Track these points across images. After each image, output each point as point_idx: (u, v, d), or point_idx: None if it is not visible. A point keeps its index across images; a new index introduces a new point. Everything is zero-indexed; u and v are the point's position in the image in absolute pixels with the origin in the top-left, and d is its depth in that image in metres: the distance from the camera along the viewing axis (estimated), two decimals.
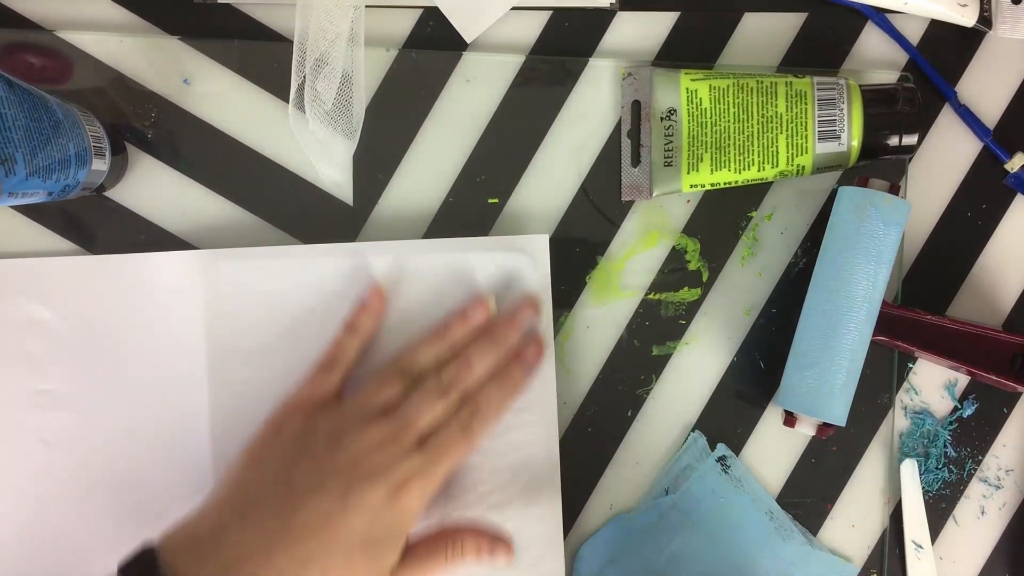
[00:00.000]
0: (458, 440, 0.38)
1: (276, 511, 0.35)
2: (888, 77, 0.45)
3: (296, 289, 0.42)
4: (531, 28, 0.45)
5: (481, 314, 0.41)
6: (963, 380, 0.45)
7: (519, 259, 0.43)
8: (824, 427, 0.41)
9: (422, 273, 0.43)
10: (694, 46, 0.45)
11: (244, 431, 0.42)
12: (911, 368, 0.45)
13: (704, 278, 0.45)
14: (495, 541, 0.39)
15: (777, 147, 0.42)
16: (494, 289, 0.43)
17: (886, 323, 0.42)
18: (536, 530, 0.42)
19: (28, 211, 0.43)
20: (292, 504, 0.35)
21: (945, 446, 0.45)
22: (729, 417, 0.45)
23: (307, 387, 0.40)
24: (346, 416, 0.38)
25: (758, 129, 0.42)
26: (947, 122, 0.45)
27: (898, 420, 0.45)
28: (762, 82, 0.42)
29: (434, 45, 0.44)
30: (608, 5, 0.44)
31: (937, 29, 0.45)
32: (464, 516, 0.42)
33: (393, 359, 0.40)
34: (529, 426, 0.43)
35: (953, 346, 0.42)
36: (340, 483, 0.36)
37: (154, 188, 0.44)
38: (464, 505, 0.42)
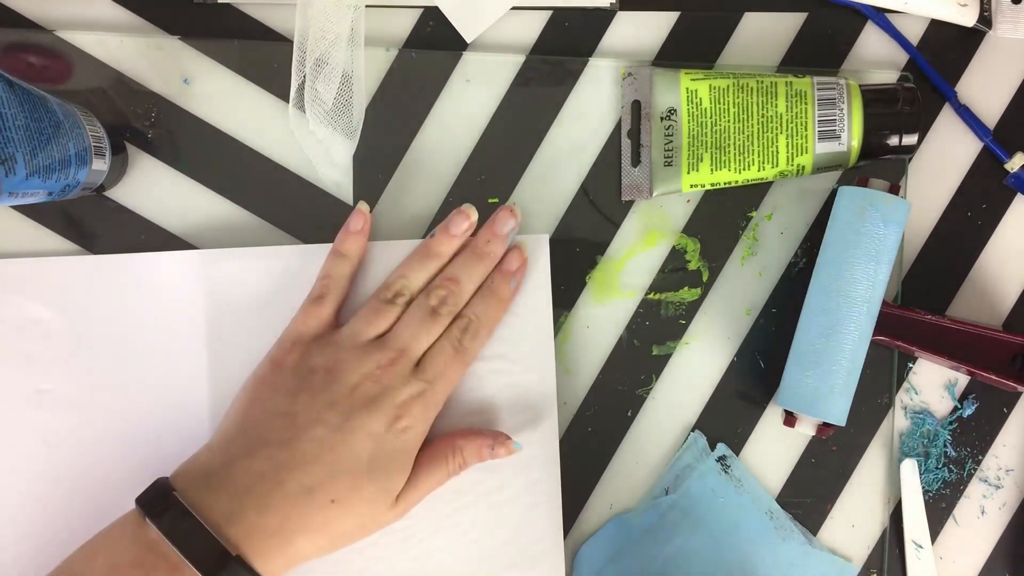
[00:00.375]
0: (452, 360, 0.39)
1: (281, 443, 0.36)
2: (888, 77, 0.45)
3: (296, 289, 0.42)
4: (531, 28, 0.45)
5: (464, 224, 0.41)
6: (963, 380, 0.45)
7: None
8: (824, 427, 0.41)
9: None
10: (694, 46, 0.45)
11: None
12: (911, 368, 0.45)
13: (704, 278, 0.45)
14: (495, 439, 0.40)
15: (777, 147, 0.42)
16: None
17: (886, 323, 0.42)
18: (536, 530, 0.42)
19: (28, 211, 0.43)
20: (295, 435, 0.36)
21: (945, 446, 0.45)
22: (729, 417, 0.45)
23: (301, 319, 0.40)
24: (341, 346, 0.39)
25: (758, 129, 0.42)
26: (947, 122, 0.45)
27: (898, 420, 0.45)
28: (762, 82, 0.42)
29: (434, 45, 0.44)
30: (608, 5, 0.44)
31: (937, 29, 0.45)
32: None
33: (384, 284, 0.41)
34: (529, 426, 0.43)
35: (953, 346, 0.42)
36: (340, 413, 0.37)
37: (154, 188, 0.44)
38: (464, 504, 0.42)
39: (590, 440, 0.44)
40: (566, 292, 0.44)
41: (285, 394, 0.38)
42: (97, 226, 0.43)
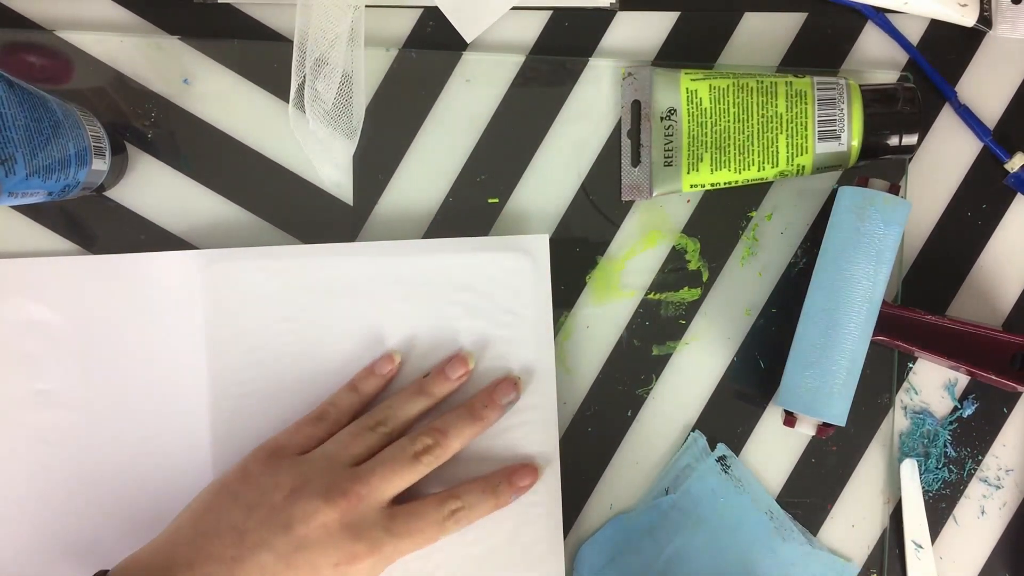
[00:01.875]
0: (429, 529, 0.38)
1: (225, 562, 0.34)
2: (888, 77, 0.45)
3: (296, 289, 0.42)
4: (531, 28, 0.45)
5: (461, 369, 0.41)
6: (963, 380, 0.45)
7: (519, 259, 0.43)
8: (824, 427, 0.41)
9: (421, 273, 0.43)
10: (694, 46, 0.45)
11: (244, 431, 0.42)
12: (911, 368, 0.45)
13: (704, 278, 0.45)
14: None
15: (777, 147, 0.42)
16: (493, 290, 0.43)
17: (886, 323, 0.42)
18: (536, 530, 0.42)
19: (28, 211, 0.43)
20: (241, 556, 0.34)
21: (945, 446, 0.45)
22: (729, 417, 0.45)
23: (290, 433, 0.39)
24: (312, 467, 0.37)
25: (758, 129, 0.42)
26: (947, 122, 0.45)
27: (898, 420, 0.45)
28: (762, 82, 0.42)
29: (434, 45, 0.44)
30: (608, 5, 0.44)
31: (937, 29, 0.45)
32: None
33: (371, 411, 0.40)
34: (529, 426, 0.43)
35: (953, 346, 0.42)
36: (291, 541, 0.35)
37: (154, 188, 0.44)
38: None
39: (590, 440, 0.44)
40: (566, 292, 0.44)
41: (243, 507, 0.36)
42: (97, 226, 0.43)
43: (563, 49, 0.45)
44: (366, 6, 0.42)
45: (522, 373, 0.43)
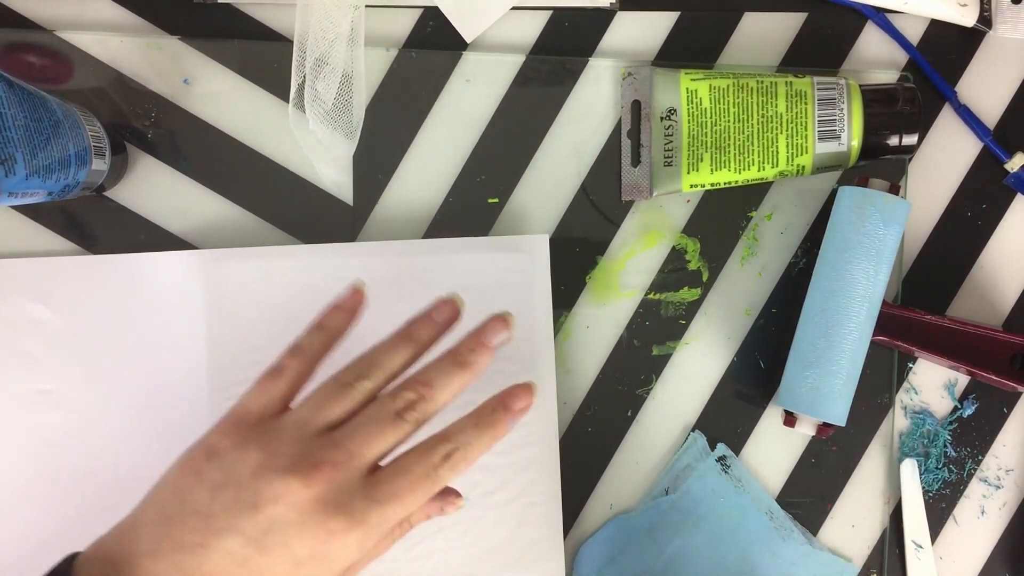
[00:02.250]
0: (418, 485, 0.33)
1: (190, 548, 0.31)
2: (888, 77, 0.45)
3: (296, 289, 0.42)
4: (531, 28, 0.45)
5: (447, 312, 0.36)
6: (963, 380, 0.45)
7: (519, 259, 0.43)
8: (824, 427, 0.41)
9: (421, 273, 0.43)
10: (694, 46, 0.45)
11: None
12: (911, 368, 0.45)
13: (704, 278, 0.45)
14: (444, 500, 0.38)
15: (777, 147, 0.42)
16: (493, 290, 0.43)
17: (886, 323, 0.42)
18: (536, 530, 0.42)
19: (28, 211, 0.43)
20: (207, 542, 0.31)
21: (945, 446, 0.45)
22: (729, 417, 0.45)
23: (250, 397, 0.34)
24: (282, 435, 0.33)
25: (758, 129, 0.42)
26: (947, 122, 0.45)
27: (898, 420, 0.45)
28: (762, 82, 0.42)
29: (434, 45, 0.44)
30: (608, 5, 0.44)
31: (937, 29, 0.45)
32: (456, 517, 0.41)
33: (348, 365, 0.35)
34: (529, 426, 0.43)
35: (953, 346, 0.42)
36: (259, 523, 0.31)
37: (154, 188, 0.44)
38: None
39: (590, 440, 0.44)
40: (566, 292, 0.44)
41: (208, 488, 0.32)
42: (97, 226, 0.43)
43: (563, 49, 0.45)
44: (366, 6, 0.42)
45: (522, 372, 0.43)
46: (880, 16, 0.45)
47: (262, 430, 0.33)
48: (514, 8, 0.44)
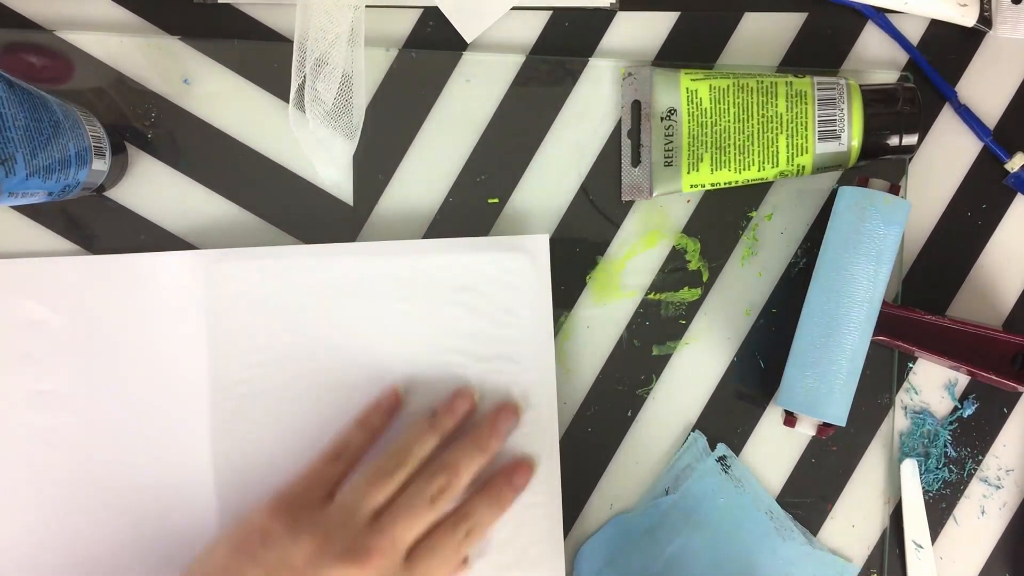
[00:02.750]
0: (449, 562, 0.38)
1: None
2: (888, 77, 0.45)
3: (296, 289, 0.42)
4: (531, 28, 0.45)
5: (466, 406, 0.41)
6: (963, 380, 0.45)
7: (519, 259, 0.43)
8: (824, 427, 0.41)
9: (421, 273, 0.43)
10: (694, 46, 0.45)
11: (244, 431, 0.42)
12: (911, 368, 0.45)
13: (704, 278, 0.45)
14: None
15: (777, 147, 0.42)
16: (493, 290, 0.43)
17: (886, 323, 0.42)
18: (536, 530, 0.42)
19: (28, 211, 0.43)
20: None
21: (945, 446, 0.45)
22: (729, 417, 0.45)
23: (308, 479, 0.38)
24: (332, 523, 0.36)
25: (758, 129, 0.42)
26: (947, 122, 0.45)
27: (898, 420, 0.45)
28: (762, 82, 0.42)
29: (434, 45, 0.44)
30: (608, 5, 0.44)
31: (937, 29, 0.45)
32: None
33: (388, 454, 0.39)
34: (529, 426, 0.43)
35: (953, 346, 0.42)
36: None
37: (154, 188, 0.44)
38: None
39: (590, 440, 0.44)
40: (566, 292, 0.44)
41: (263, 572, 0.35)
42: (97, 226, 0.43)
43: (563, 49, 0.45)
44: (366, 6, 0.42)
45: (522, 372, 0.43)
46: (880, 16, 0.45)
47: (313, 516, 0.36)
48: (514, 8, 0.44)
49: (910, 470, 0.44)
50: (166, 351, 0.42)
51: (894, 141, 0.41)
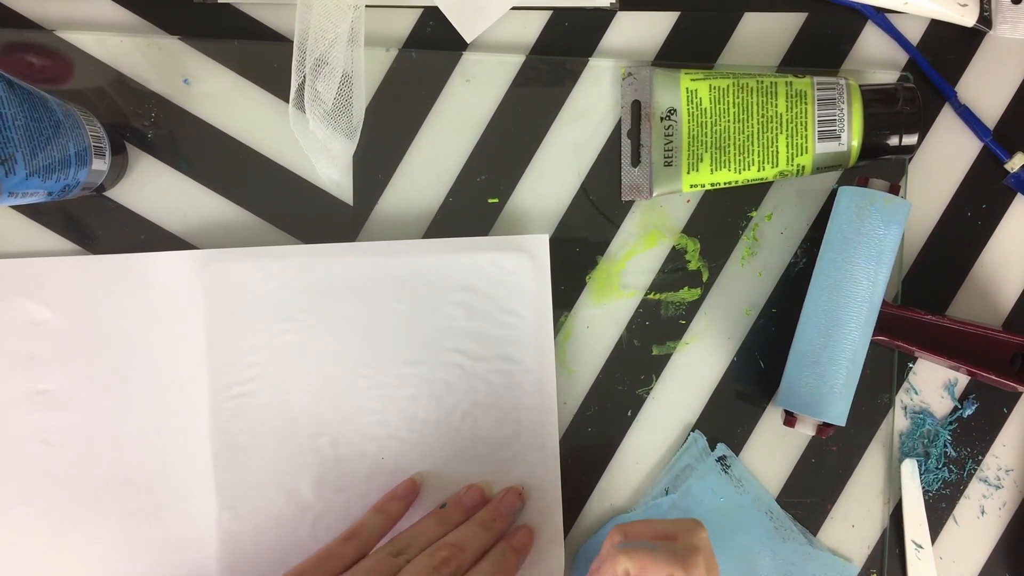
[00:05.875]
0: None
1: None
2: (888, 77, 0.45)
3: (296, 289, 0.42)
4: (531, 28, 0.45)
5: (478, 500, 0.42)
6: (963, 380, 0.45)
7: (519, 259, 0.43)
8: (824, 427, 0.41)
9: (421, 273, 0.43)
10: (694, 46, 0.45)
11: (243, 431, 0.42)
12: (911, 368, 0.45)
13: (704, 278, 0.45)
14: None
15: (777, 147, 0.42)
16: (493, 290, 0.43)
17: (886, 323, 0.42)
18: (536, 530, 0.42)
19: (28, 211, 0.43)
20: None
21: (945, 446, 0.45)
22: (729, 417, 0.45)
23: (320, 558, 0.39)
24: None
25: (758, 129, 0.42)
26: (947, 122, 0.45)
27: (898, 420, 0.45)
28: (762, 82, 0.42)
29: (434, 45, 0.44)
30: (608, 5, 0.44)
31: (937, 29, 0.45)
32: None
33: (396, 538, 0.39)
34: (529, 426, 0.43)
35: (953, 346, 0.42)
36: None
37: (154, 188, 0.44)
38: None
39: (590, 440, 0.44)
40: (566, 292, 0.44)
41: None
42: (97, 226, 0.43)
43: (563, 49, 0.45)
44: (366, 6, 0.42)
45: (522, 372, 0.43)
46: (880, 16, 0.45)
47: None
48: (514, 8, 0.44)
49: (910, 470, 0.44)
50: (166, 351, 0.42)
51: (894, 141, 0.41)
